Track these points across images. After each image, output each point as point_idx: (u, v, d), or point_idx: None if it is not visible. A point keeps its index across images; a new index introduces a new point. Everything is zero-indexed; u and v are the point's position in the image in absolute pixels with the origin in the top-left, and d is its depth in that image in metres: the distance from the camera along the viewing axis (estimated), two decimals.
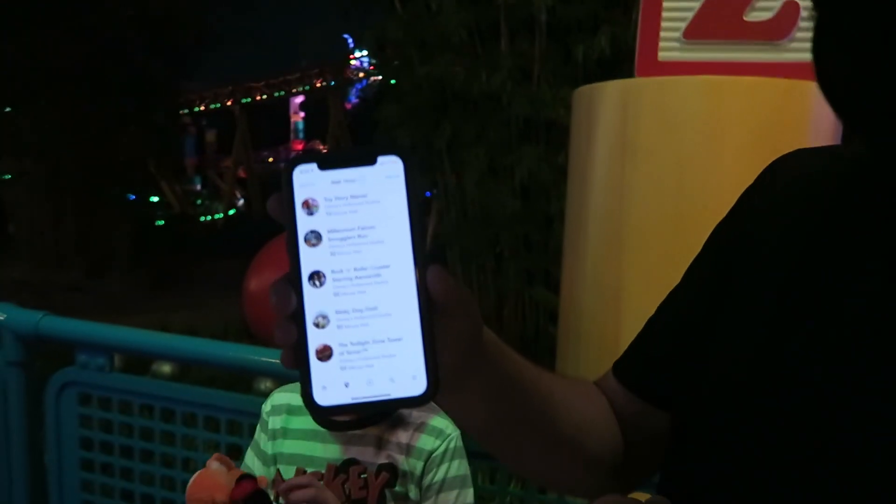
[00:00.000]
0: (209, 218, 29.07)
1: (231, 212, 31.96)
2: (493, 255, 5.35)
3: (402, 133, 5.54)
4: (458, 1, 4.94)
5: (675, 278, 0.63)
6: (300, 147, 41.00)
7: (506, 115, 4.85)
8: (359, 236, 0.40)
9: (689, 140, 2.04)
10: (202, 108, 36.55)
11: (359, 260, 0.40)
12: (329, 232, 0.39)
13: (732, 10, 2.09)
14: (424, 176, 5.92)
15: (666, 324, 0.60)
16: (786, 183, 0.54)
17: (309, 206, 0.39)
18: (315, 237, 0.39)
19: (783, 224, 0.52)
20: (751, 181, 0.59)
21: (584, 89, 2.37)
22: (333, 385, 0.39)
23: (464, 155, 5.11)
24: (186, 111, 27.04)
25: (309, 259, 0.39)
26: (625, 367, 0.62)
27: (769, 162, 0.59)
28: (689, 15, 2.13)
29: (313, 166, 0.40)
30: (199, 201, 32.97)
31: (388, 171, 0.40)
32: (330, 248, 0.39)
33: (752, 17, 2.06)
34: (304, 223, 0.39)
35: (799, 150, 0.56)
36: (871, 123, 0.45)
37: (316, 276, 0.39)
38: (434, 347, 0.40)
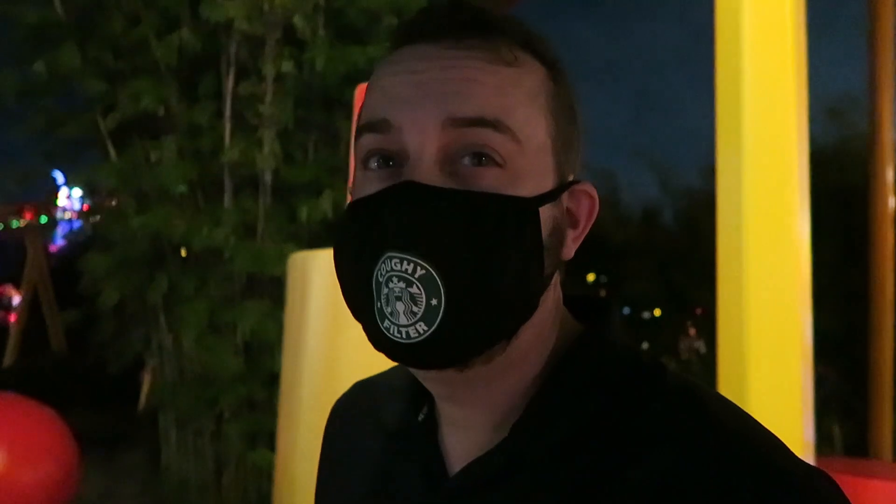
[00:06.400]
0: None
1: None
2: (212, 418, 4.95)
3: (111, 285, 5.06)
4: (179, 154, 4.86)
5: None
6: None
7: (228, 270, 4.72)
8: None
9: None
10: None
11: None
12: None
13: None
14: (135, 334, 5.42)
15: None
16: (343, 408, 0.77)
17: None
18: None
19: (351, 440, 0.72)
20: None
21: (298, 256, 2.43)
22: None
23: (182, 311, 4.80)
24: None
25: None
26: None
27: None
28: None
29: None
30: None
31: None
32: None
33: None
34: None
35: (355, 384, 0.79)
36: None
37: None
38: None
